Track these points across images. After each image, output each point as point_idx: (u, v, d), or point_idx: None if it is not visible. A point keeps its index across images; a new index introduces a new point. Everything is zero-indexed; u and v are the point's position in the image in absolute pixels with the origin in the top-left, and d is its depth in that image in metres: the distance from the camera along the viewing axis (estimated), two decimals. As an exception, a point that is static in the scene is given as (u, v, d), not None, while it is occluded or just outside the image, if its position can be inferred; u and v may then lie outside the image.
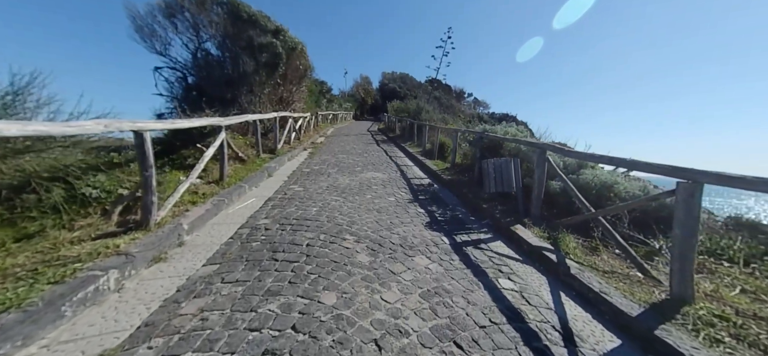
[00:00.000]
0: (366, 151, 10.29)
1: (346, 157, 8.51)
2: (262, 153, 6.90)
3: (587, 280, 2.22)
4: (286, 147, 8.59)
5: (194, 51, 7.69)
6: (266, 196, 4.37)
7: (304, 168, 6.76)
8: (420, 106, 14.17)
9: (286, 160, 7.24)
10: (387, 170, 7.19)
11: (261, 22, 8.53)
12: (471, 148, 6.43)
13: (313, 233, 3.15)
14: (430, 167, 7.48)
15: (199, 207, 3.17)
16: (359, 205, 4.31)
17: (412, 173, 7.14)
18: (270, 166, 5.88)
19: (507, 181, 3.86)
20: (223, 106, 7.84)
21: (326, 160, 7.87)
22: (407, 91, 38.07)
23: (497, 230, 3.53)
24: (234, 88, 7.83)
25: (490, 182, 4.04)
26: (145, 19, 6.92)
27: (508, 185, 3.85)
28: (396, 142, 13.32)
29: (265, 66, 8.01)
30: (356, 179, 6.00)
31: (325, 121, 20.04)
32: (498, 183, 3.93)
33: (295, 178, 5.77)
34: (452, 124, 11.96)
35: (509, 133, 4.97)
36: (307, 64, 11.01)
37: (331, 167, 7.01)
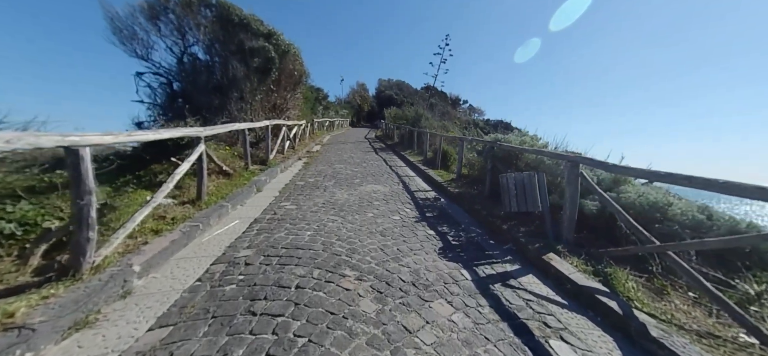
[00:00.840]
0: (364, 160, 9.71)
1: (343, 167, 7.92)
2: (252, 164, 6.27)
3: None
4: (279, 157, 7.97)
5: (180, 55, 7.10)
6: (252, 217, 3.74)
7: (298, 180, 6.14)
8: (419, 113, 13.70)
9: (279, 172, 6.62)
10: (388, 182, 6.61)
11: (253, 26, 7.98)
12: (479, 158, 5.89)
13: (305, 268, 2.54)
14: (434, 178, 6.91)
15: (162, 238, 2.53)
16: (360, 227, 3.70)
17: (416, 185, 6.56)
18: (259, 179, 5.25)
19: (531, 199, 3.29)
20: (211, 113, 7.22)
21: (322, 171, 7.27)
22: (404, 98, 37.83)
23: (526, 259, 2.94)
24: (223, 95, 7.22)
25: (510, 200, 3.47)
26: (125, 20, 6.32)
27: (532, 204, 3.28)
28: (395, 150, 12.78)
29: (257, 71, 7.44)
30: (355, 193, 5.40)
31: (321, 128, 19.48)
32: (520, 202, 3.37)
33: (288, 193, 5.14)
34: (453, 132, 11.47)
35: (527, 142, 4.44)
36: (302, 69, 10.47)
37: (328, 179, 6.41)
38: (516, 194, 3.41)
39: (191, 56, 7.29)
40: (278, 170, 6.64)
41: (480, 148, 5.92)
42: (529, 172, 3.35)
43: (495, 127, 49.98)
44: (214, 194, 3.93)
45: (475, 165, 6.27)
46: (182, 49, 7.05)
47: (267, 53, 7.42)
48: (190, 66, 7.47)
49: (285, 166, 7.30)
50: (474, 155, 6.32)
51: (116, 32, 6.29)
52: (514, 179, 3.46)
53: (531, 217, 3.70)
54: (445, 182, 6.42)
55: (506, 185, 3.52)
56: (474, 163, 6.32)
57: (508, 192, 3.48)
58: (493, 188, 4.92)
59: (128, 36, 6.51)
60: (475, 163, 6.25)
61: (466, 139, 6.49)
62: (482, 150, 5.68)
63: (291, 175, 6.69)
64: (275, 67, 7.69)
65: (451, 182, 6.36)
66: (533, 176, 3.33)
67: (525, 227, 3.49)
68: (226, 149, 5.48)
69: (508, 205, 3.48)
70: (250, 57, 7.29)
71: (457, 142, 9.59)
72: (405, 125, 13.89)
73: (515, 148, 4.22)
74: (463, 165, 6.60)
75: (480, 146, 5.91)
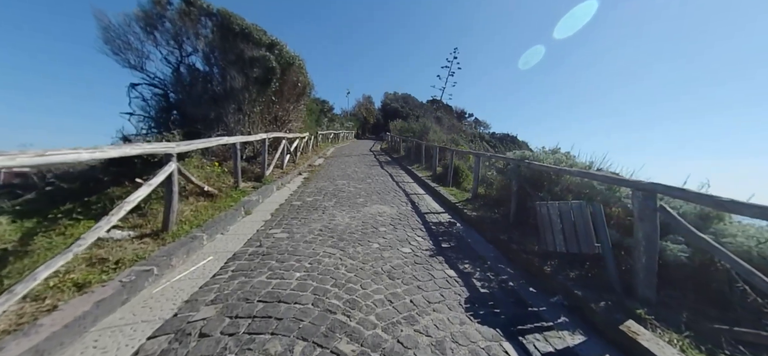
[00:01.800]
0: (369, 174, 9.01)
1: (346, 184, 7.21)
2: (245, 182, 5.61)
3: None
4: (277, 172, 7.32)
5: (176, 65, 6.62)
6: (231, 251, 3.01)
7: (295, 200, 5.43)
8: (426, 126, 13.06)
9: (275, 190, 5.93)
10: (395, 201, 5.86)
11: (255, 36, 7.52)
12: (499, 177, 5.11)
13: (283, 342, 1.78)
14: (446, 197, 6.14)
15: (86, 296, 1.82)
16: (363, 264, 2.94)
17: (426, 205, 5.79)
18: (249, 200, 4.55)
19: (584, 237, 2.50)
20: (207, 126, 6.66)
21: (323, 188, 6.57)
22: (409, 111, 37.48)
23: (590, 325, 2.12)
24: (219, 107, 6.67)
25: (553, 236, 2.68)
26: (118, 30, 5.89)
27: (586, 243, 2.48)
28: (401, 164, 12.07)
29: (257, 82, 6.90)
30: (359, 216, 4.65)
31: (325, 140, 18.99)
32: (569, 240, 2.57)
33: (281, 216, 4.42)
34: (464, 146, 10.73)
35: (562, 161, 3.65)
36: (306, 81, 9.98)
37: (328, 198, 5.69)
38: (562, 229, 2.62)
39: (189, 67, 6.82)
40: (274, 187, 5.97)
41: (501, 166, 5.15)
42: (580, 202, 2.57)
43: (501, 141, 49.11)
44: (189, 221, 3.23)
45: (494, 184, 5.48)
46: (179, 59, 6.58)
47: (267, 63, 6.90)
48: (188, 76, 6.98)
49: (283, 183, 6.63)
50: (493, 173, 5.54)
51: (109, 42, 5.84)
52: (558, 210, 2.68)
53: (579, 256, 2.88)
54: (459, 202, 5.63)
55: (547, 217, 2.74)
56: (492, 181, 5.54)
57: (551, 226, 2.69)
58: (521, 214, 4.12)
59: (122, 46, 6.05)
60: (494, 181, 5.47)
61: (483, 154, 5.73)
62: (504, 168, 4.90)
63: (288, 192, 5.99)
64: (276, 78, 7.15)
65: (466, 203, 5.57)
66: (585, 207, 2.54)
67: (574, 270, 2.67)
68: (214, 165, 4.86)
69: (552, 242, 2.68)
70: (249, 67, 6.77)
71: (470, 157, 8.84)
72: (412, 138, 13.23)
73: (550, 168, 3.44)
74: (480, 183, 5.82)
75: (501, 163, 5.14)
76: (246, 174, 6.06)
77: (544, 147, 4.65)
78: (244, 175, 5.98)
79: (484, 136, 47.96)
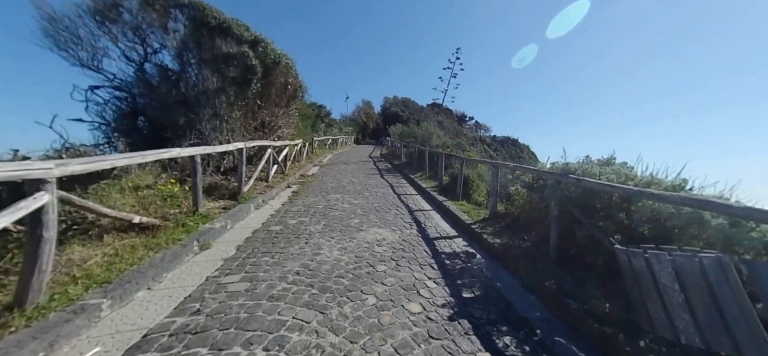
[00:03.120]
0: (367, 185, 7.95)
1: (340, 199, 6.15)
2: (214, 202, 4.55)
3: None
4: (260, 186, 6.28)
5: (140, 63, 5.62)
6: (144, 328, 1.93)
7: (275, 223, 4.36)
8: (429, 130, 12.02)
9: (252, 209, 4.87)
10: (397, 221, 4.79)
11: (235, 31, 6.53)
12: (528, 194, 4.04)
13: None
14: (457, 215, 5.06)
15: None
16: (351, 345, 1.87)
17: (435, 226, 4.71)
18: (211, 228, 3.49)
19: (742, 327, 1.42)
20: (177, 133, 5.63)
21: (312, 205, 5.51)
22: (410, 115, 36.62)
23: None
24: (191, 111, 5.65)
25: (667, 313, 1.61)
26: (65, 20, 4.89)
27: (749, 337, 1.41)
28: (402, 172, 11.03)
29: (234, 82, 5.88)
30: (351, 246, 3.59)
31: (322, 147, 17.98)
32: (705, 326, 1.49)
33: (250, 249, 3.35)
34: (472, 153, 9.69)
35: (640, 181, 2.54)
36: (297, 82, 8.97)
37: (316, 219, 4.62)
38: (686, 304, 1.54)
39: (157, 65, 5.81)
40: (252, 207, 4.91)
41: (529, 181, 4.09)
42: (718, 257, 1.49)
43: (502, 144, 48.08)
44: (90, 276, 2.17)
45: (517, 201, 4.42)
46: (143, 56, 5.58)
47: (245, 60, 5.89)
48: (157, 76, 5.97)
49: (265, 199, 5.58)
50: (517, 188, 4.48)
51: (51, 36, 4.83)
52: (672, 267, 1.60)
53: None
54: (475, 224, 4.56)
55: (647, 275, 1.67)
56: (515, 197, 4.47)
57: (659, 293, 1.62)
58: (567, 247, 3.05)
59: (70, 40, 5.05)
60: (518, 198, 4.40)
61: (503, 165, 4.67)
62: (535, 184, 3.84)
63: (268, 212, 4.93)
64: (257, 78, 6.13)
65: (484, 224, 4.49)
66: (728, 266, 1.47)
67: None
68: (170, 183, 3.81)
69: (666, 324, 1.61)
70: (224, 65, 5.76)
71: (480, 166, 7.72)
72: (414, 143, 12.20)
73: (617, 188, 2.37)
74: (498, 198, 4.75)
75: (530, 177, 4.08)
76: (218, 191, 5.01)
77: (588, 156, 3.59)
78: (214, 193, 4.93)
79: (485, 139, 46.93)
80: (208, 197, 4.64)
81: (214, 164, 5.88)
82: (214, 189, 4.95)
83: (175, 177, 4.52)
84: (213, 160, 5.84)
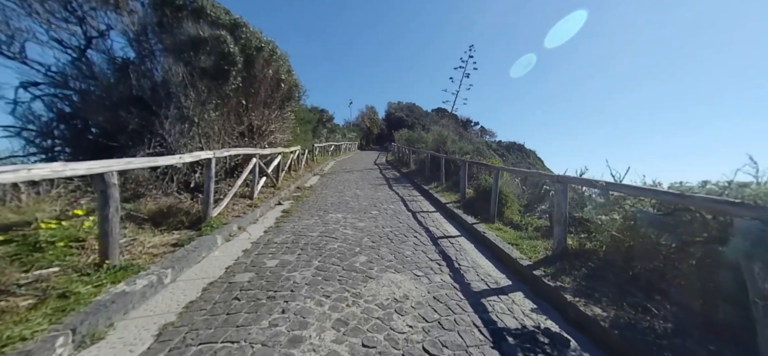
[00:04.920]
0: (375, 201, 6.53)
1: (341, 221, 4.73)
2: (160, 235, 3.16)
3: None
4: (241, 206, 4.90)
5: (81, 50, 4.33)
6: None
7: (243, 268, 2.94)
8: (443, 135, 10.53)
9: (219, 243, 3.46)
10: (420, 258, 3.33)
11: (210, 12, 5.24)
12: (647, 229, 2.54)
13: None
14: (501, 249, 3.58)
15: None
16: None
17: (474, 267, 3.23)
18: (118, 296, 2.07)
19: None
20: (132, 140, 4.30)
21: (304, 232, 4.09)
22: (415, 120, 35.34)
23: None
24: (150, 112, 4.33)
25: None
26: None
27: None
28: (414, 182, 9.59)
29: (205, 74, 4.55)
30: (355, 317, 2.15)
31: (325, 153, 16.68)
32: None
33: (179, 335, 1.92)
34: (497, 161, 8.25)
35: None
36: (292, 81, 7.66)
37: (307, 258, 3.19)
38: None
39: (106, 54, 4.51)
40: (219, 238, 3.50)
41: (629, 211, 2.61)
42: None
43: (508, 149, 46.42)
44: None
45: (601, 230, 2.94)
46: (83, 41, 4.30)
47: (221, 47, 4.55)
48: (109, 68, 4.68)
49: (243, 224, 4.18)
50: (602, 217, 2.99)
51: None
52: None
53: None
54: (536, 265, 3.07)
55: None
56: (595, 226, 2.99)
57: None
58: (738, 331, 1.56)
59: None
60: (603, 228, 2.92)
61: (577, 181, 3.21)
62: (667, 215, 2.35)
63: (242, 246, 3.51)
64: (235, 69, 4.80)
65: (551, 266, 3.01)
66: None
67: None
68: (76, 214, 2.46)
69: None
70: (193, 53, 4.44)
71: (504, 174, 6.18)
72: (424, 149, 10.77)
73: None
74: (558, 224, 3.28)
75: (650, 202, 2.58)
76: (174, 218, 3.62)
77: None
78: (168, 221, 3.54)
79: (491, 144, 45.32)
80: (156, 228, 3.26)
81: (181, 178, 4.51)
82: (169, 215, 3.57)
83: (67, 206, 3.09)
84: (178, 173, 4.48)
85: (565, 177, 3.36)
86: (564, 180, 3.32)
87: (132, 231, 2.89)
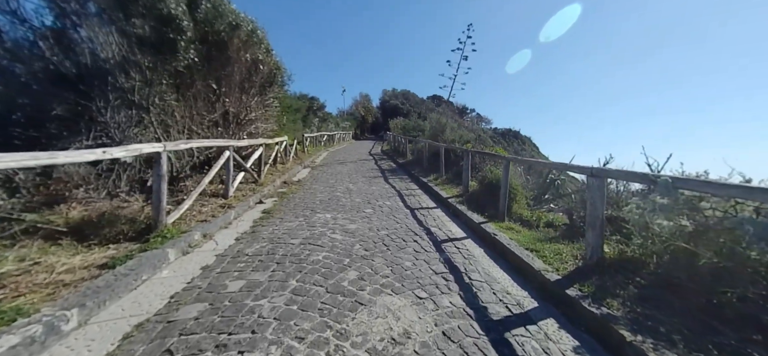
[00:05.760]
0: (369, 196, 5.84)
1: (330, 222, 4.02)
2: (89, 253, 2.43)
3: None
4: (211, 207, 4.16)
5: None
6: None
7: (195, 296, 2.20)
8: (441, 123, 9.78)
9: (171, 259, 2.74)
10: (422, 271, 2.65)
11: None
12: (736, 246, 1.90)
13: None
14: (521, 258, 2.94)
15: None
16: None
17: (489, 283, 2.58)
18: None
19: None
20: (68, 129, 3.49)
21: (283, 239, 3.36)
22: (410, 108, 34.37)
23: None
24: (84, 96, 3.48)
25: None
26: None
27: None
28: (411, 173, 8.91)
29: (144, 44, 3.66)
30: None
31: (317, 144, 15.81)
32: None
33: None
34: (500, 149, 7.60)
35: None
36: (273, 62, 6.77)
37: (282, 277, 2.48)
38: None
39: (11, 15, 3.56)
40: (171, 253, 2.78)
41: (726, 214, 1.95)
42: None
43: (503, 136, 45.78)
44: None
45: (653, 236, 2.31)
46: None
47: (158, 7, 3.61)
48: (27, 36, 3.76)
49: (209, 231, 3.45)
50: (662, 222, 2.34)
51: None
52: None
53: None
54: (567, 279, 2.44)
55: None
56: (647, 232, 2.36)
57: None
58: None
59: None
60: (659, 234, 2.28)
61: (621, 175, 2.56)
62: (752, 229, 1.69)
63: (201, 261, 2.79)
64: (183, 39, 3.89)
65: (588, 282, 2.38)
66: None
67: None
68: None
69: None
70: (124, 17, 3.53)
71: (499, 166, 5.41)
72: (422, 138, 10.04)
73: None
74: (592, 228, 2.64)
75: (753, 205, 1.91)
76: (113, 228, 2.86)
77: None
78: (103, 233, 2.79)
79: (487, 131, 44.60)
80: (81, 243, 2.52)
81: (134, 176, 3.73)
82: (103, 224, 2.81)
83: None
84: (130, 169, 3.69)
85: (602, 170, 2.70)
86: (601, 174, 2.66)
87: (38, 250, 2.15)
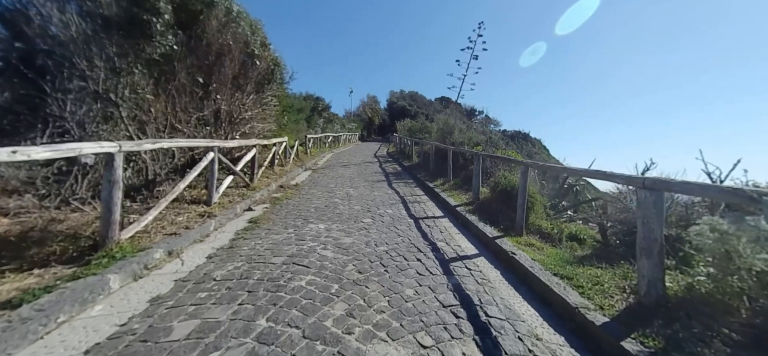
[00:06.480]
0: (370, 203, 5.27)
1: (322, 235, 3.45)
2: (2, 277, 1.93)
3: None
4: (187, 216, 3.66)
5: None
6: None
7: (112, 351, 1.71)
8: (449, 124, 9.12)
9: (112, 287, 2.22)
10: (428, 306, 2.00)
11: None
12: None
13: None
14: (552, 291, 2.30)
15: None
16: None
17: (509, 318, 1.94)
18: None
19: None
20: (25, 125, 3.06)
21: (263, 258, 2.81)
22: (418, 109, 33.74)
23: None
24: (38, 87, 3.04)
25: None
26: None
27: None
28: (416, 178, 8.30)
29: (111, 27, 3.20)
30: None
31: (321, 145, 15.36)
32: None
33: None
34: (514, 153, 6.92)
35: None
36: (270, 56, 6.31)
37: (247, 317, 1.88)
38: None
39: None
40: (115, 279, 2.27)
41: None
42: None
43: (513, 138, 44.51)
44: None
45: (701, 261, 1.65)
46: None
47: None
48: None
49: (178, 246, 2.93)
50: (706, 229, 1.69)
51: None
52: None
53: None
54: (616, 321, 1.79)
55: None
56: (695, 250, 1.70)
57: None
58: None
59: None
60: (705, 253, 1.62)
61: (689, 188, 1.90)
62: None
63: (148, 294, 2.26)
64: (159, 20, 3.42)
65: (644, 324, 1.73)
66: None
67: None
68: None
69: None
70: None
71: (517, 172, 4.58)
72: (429, 140, 9.43)
73: None
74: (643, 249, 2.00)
75: None
76: (43, 247, 2.38)
77: None
78: (22, 256, 2.30)
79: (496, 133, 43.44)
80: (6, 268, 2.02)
81: (95, 181, 3.26)
82: (34, 241, 2.32)
83: None
84: (94, 172, 3.23)
85: (660, 180, 2.03)
86: (658, 186, 2.00)
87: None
